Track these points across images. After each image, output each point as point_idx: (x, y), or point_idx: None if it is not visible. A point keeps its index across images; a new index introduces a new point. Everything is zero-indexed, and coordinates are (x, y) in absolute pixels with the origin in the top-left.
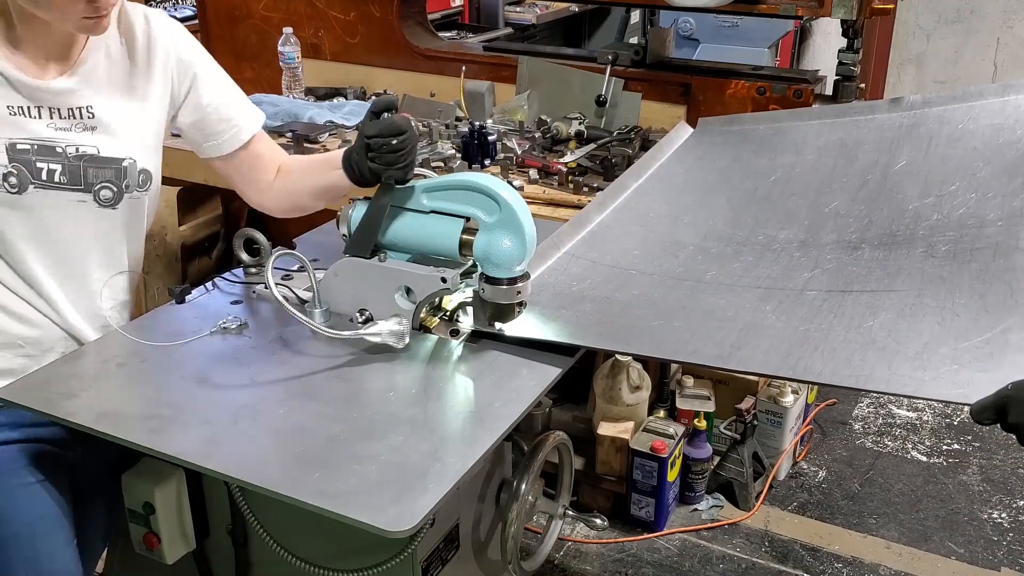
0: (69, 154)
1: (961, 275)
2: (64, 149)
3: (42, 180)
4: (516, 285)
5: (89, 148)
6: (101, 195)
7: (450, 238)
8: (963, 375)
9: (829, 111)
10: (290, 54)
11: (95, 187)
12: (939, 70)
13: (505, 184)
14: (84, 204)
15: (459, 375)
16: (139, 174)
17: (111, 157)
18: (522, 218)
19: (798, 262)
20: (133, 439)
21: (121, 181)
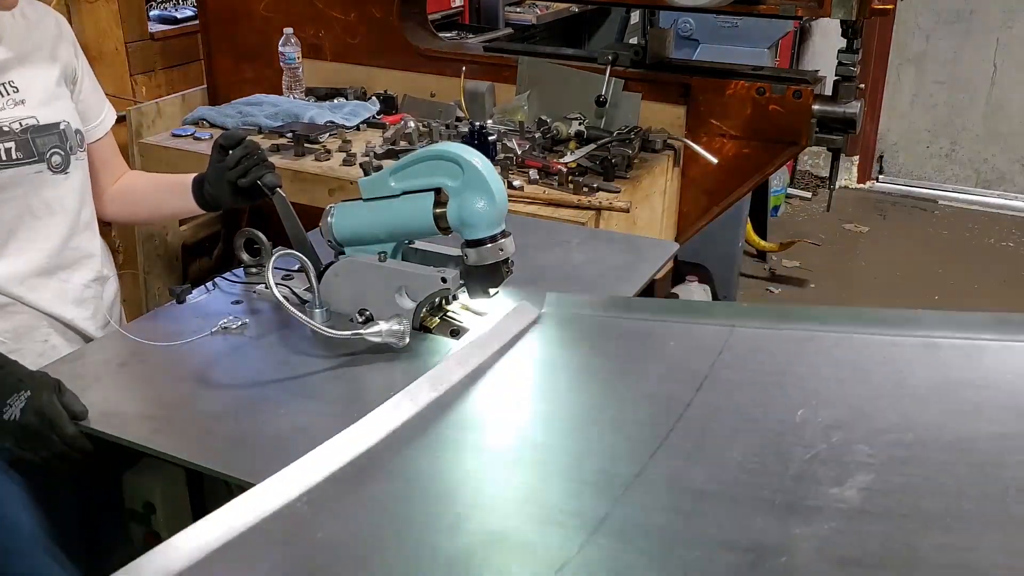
0: (15, 129)
1: None
2: (10, 126)
3: (2, 160)
4: (499, 242)
5: (29, 120)
6: (53, 162)
7: (424, 212)
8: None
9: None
10: (290, 54)
11: (46, 155)
12: (939, 70)
13: (466, 147)
14: (41, 174)
15: None
16: (75, 134)
17: (50, 123)
18: (487, 176)
19: None
20: (133, 439)
21: (65, 144)
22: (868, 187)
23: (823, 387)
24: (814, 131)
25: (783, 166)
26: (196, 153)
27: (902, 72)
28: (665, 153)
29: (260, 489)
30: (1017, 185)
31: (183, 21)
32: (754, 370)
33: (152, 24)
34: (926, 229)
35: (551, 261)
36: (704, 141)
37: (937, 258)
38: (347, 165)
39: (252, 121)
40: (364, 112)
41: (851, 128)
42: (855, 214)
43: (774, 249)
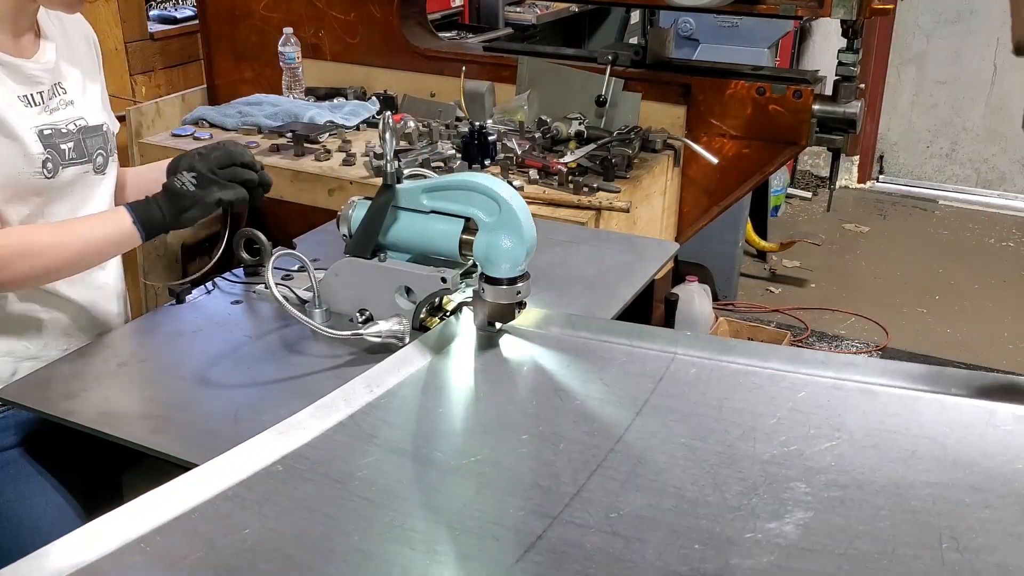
0: (71, 130)
1: None
2: (67, 127)
3: (66, 159)
4: (516, 285)
5: (80, 120)
6: (97, 162)
7: (450, 238)
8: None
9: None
10: (290, 54)
11: (93, 156)
12: (939, 70)
13: (505, 184)
14: (87, 174)
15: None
16: (114, 137)
17: (96, 125)
18: (522, 218)
19: None
20: (133, 439)
21: (107, 146)
22: (868, 187)
23: (761, 423)
24: (814, 131)
25: (783, 166)
26: None
27: (902, 72)
28: (665, 153)
29: (185, 480)
30: (1017, 185)
31: (183, 21)
32: (694, 400)
33: (152, 24)
34: (926, 229)
35: (551, 261)
36: (704, 141)
37: (937, 258)
38: (347, 165)
39: (252, 121)
40: (364, 112)
41: (851, 128)
42: (855, 214)
43: (774, 249)
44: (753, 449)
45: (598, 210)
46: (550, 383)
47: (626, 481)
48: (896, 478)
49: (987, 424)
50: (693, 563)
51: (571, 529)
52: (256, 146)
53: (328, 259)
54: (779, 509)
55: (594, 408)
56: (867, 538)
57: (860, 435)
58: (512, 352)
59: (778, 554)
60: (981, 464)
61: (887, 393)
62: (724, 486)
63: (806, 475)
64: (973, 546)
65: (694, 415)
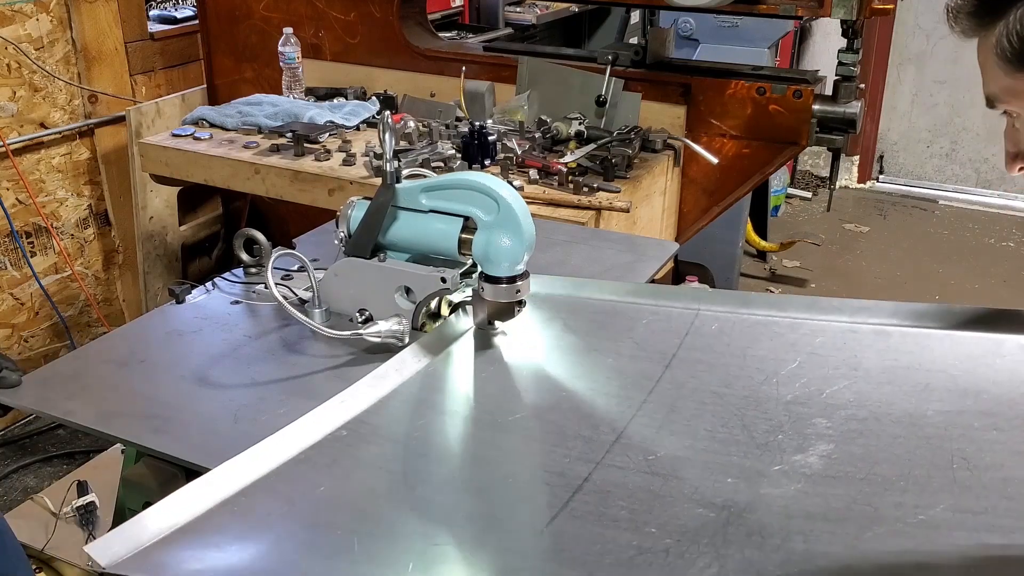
0: None
1: None
2: None
3: None
4: (516, 284)
5: None
6: None
7: (449, 237)
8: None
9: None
10: (290, 54)
11: None
12: (939, 70)
13: (504, 183)
14: None
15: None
16: None
17: None
18: (521, 217)
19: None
20: (133, 439)
21: None
22: (868, 187)
23: (782, 368)
24: (814, 131)
25: (783, 166)
26: (195, 153)
27: (902, 72)
28: (665, 153)
29: (258, 449)
30: (1017, 185)
31: (183, 21)
32: (718, 351)
33: (152, 24)
34: (926, 229)
35: (551, 261)
36: (704, 141)
37: (937, 258)
38: (347, 165)
39: (252, 121)
40: (364, 112)
41: (851, 128)
42: (855, 214)
43: (774, 249)
44: (776, 392)
45: (598, 210)
46: (584, 343)
47: (660, 427)
48: (910, 409)
49: (995, 355)
50: (727, 495)
51: (613, 471)
52: (256, 146)
53: (328, 259)
54: (803, 443)
55: (626, 364)
56: (885, 464)
57: (876, 372)
58: (544, 316)
59: (804, 482)
60: (989, 391)
61: (900, 333)
62: (751, 426)
63: (827, 412)
64: (982, 465)
65: (719, 365)
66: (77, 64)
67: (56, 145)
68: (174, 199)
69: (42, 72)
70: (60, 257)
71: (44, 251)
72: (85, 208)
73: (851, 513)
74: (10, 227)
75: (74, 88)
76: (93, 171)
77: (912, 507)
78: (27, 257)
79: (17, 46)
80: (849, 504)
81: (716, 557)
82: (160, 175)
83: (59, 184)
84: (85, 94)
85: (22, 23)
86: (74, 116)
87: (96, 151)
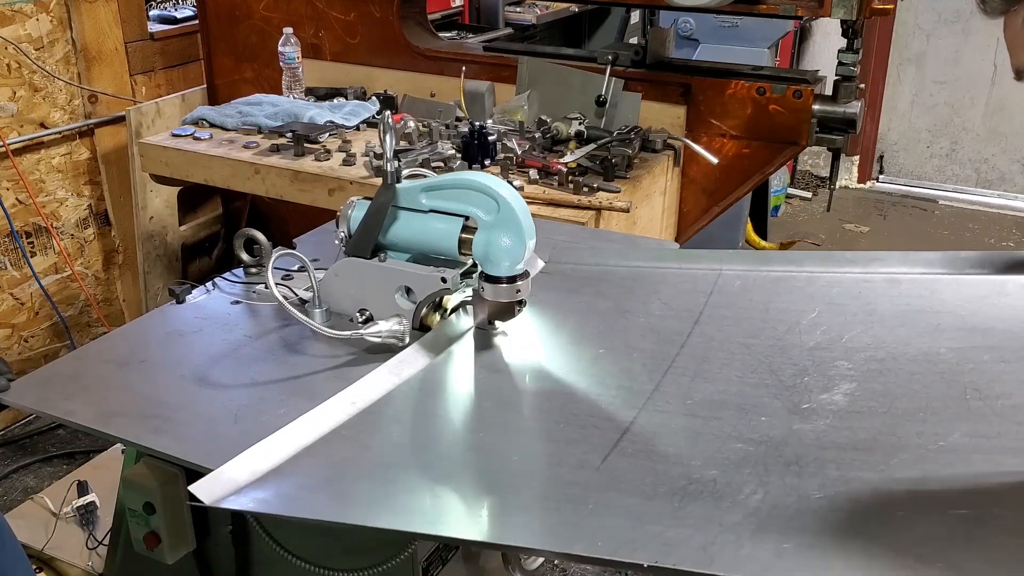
0: None
1: None
2: None
3: None
4: (516, 283)
5: None
6: None
7: (449, 237)
8: None
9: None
10: (290, 54)
11: None
12: (939, 70)
13: (504, 183)
14: None
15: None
16: None
17: None
18: (521, 217)
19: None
20: (133, 439)
21: None
22: (868, 187)
23: (803, 318)
24: (814, 131)
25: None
26: (195, 153)
27: (902, 72)
28: (665, 153)
29: (334, 401)
30: (1017, 185)
31: (183, 21)
32: (742, 307)
33: (152, 24)
34: (926, 229)
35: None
36: (704, 141)
37: None
38: (347, 165)
39: (252, 121)
40: (364, 112)
41: (851, 128)
42: (855, 214)
43: (774, 249)
44: (799, 340)
45: (598, 210)
46: (613, 307)
47: (695, 376)
48: (924, 348)
49: (999, 294)
50: (763, 431)
51: (656, 415)
52: (256, 146)
53: (328, 259)
54: (828, 384)
55: (656, 323)
56: (904, 398)
57: (890, 317)
58: (574, 285)
59: (832, 418)
60: (996, 328)
61: (910, 280)
62: (779, 371)
63: (847, 354)
64: (992, 394)
65: (744, 319)
66: (77, 64)
67: (56, 145)
68: (174, 199)
69: (42, 72)
70: (60, 257)
71: (44, 251)
72: (85, 208)
73: (877, 443)
74: (10, 227)
75: (74, 88)
76: (93, 171)
77: (932, 435)
78: (27, 257)
79: (17, 46)
80: (874, 435)
81: (760, 484)
82: (160, 175)
83: (59, 184)
84: (85, 94)
85: (22, 23)
86: (74, 116)
87: (96, 151)
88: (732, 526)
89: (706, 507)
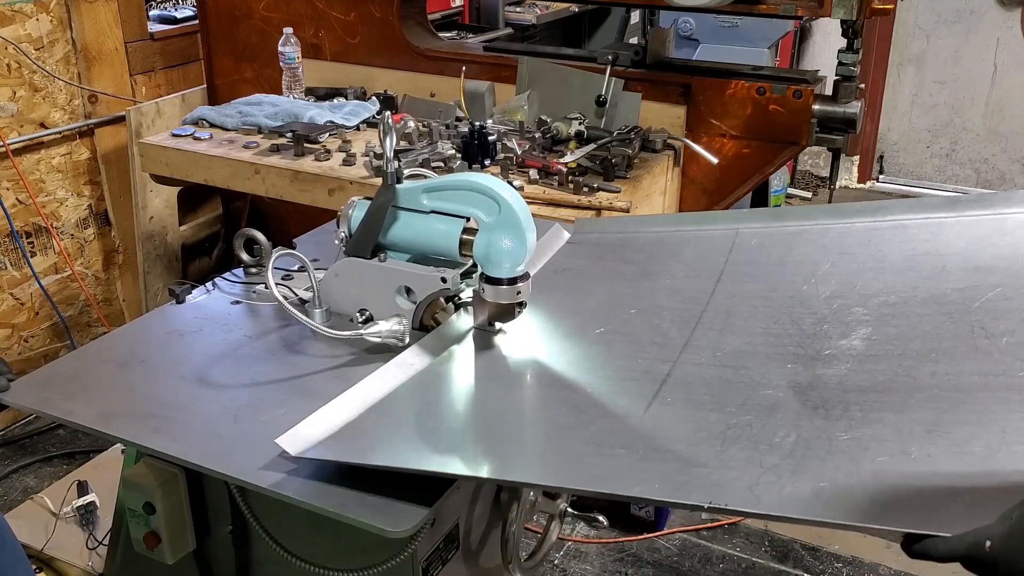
0: None
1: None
2: None
3: None
4: (516, 285)
5: None
6: None
7: (450, 238)
8: None
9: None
10: (290, 54)
11: None
12: (939, 70)
13: (505, 184)
14: None
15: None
16: None
17: None
18: (522, 218)
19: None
20: (133, 439)
21: None
22: (868, 187)
23: (818, 269)
24: (814, 131)
25: (783, 166)
26: (195, 153)
27: (902, 72)
28: (665, 153)
29: (389, 366)
30: (1017, 185)
31: (183, 21)
32: (760, 263)
33: (152, 24)
34: None
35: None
36: (704, 141)
37: None
38: (347, 165)
39: (252, 121)
40: (364, 112)
41: (851, 128)
42: None
43: None
44: (816, 290)
45: (598, 210)
46: (639, 270)
47: (722, 329)
48: (932, 290)
49: (999, 233)
50: (789, 377)
51: (689, 367)
52: (256, 146)
53: (328, 259)
54: (846, 330)
55: (681, 283)
56: (917, 340)
57: (899, 262)
58: (600, 252)
59: (852, 362)
60: (998, 266)
61: (915, 224)
62: (799, 321)
63: (862, 301)
64: (997, 332)
65: (763, 273)
66: (77, 64)
67: (56, 145)
68: (174, 199)
69: (42, 72)
70: (60, 257)
71: (44, 251)
72: (85, 208)
73: (895, 384)
74: (10, 227)
75: (74, 88)
76: (93, 171)
77: (944, 375)
78: (27, 257)
79: (17, 46)
80: (892, 377)
81: (793, 427)
82: (160, 175)
83: (59, 184)
84: (85, 94)
85: (22, 23)
86: (74, 116)
87: (96, 151)
88: (772, 467)
89: (746, 450)
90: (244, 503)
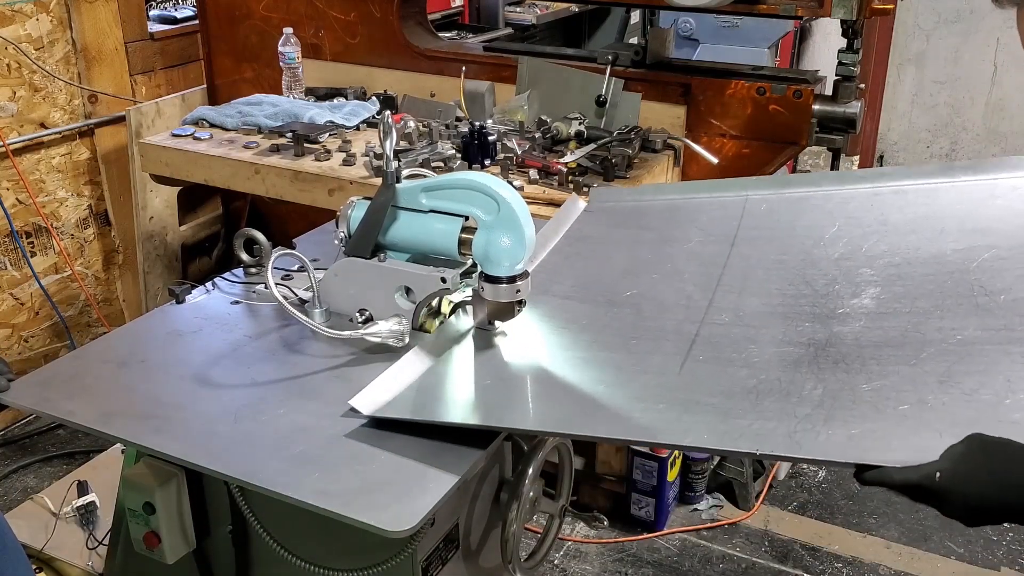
0: None
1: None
2: None
3: None
4: (516, 284)
5: None
6: None
7: (449, 237)
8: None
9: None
10: (290, 54)
11: None
12: (939, 70)
13: (504, 183)
14: None
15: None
16: None
17: None
18: (521, 217)
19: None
20: (133, 439)
21: None
22: None
23: (826, 232)
24: (814, 131)
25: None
26: (195, 153)
27: (902, 72)
28: (665, 153)
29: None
30: None
31: (183, 21)
32: (771, 227)
33: (152, 24)
34: None
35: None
36: (704, 141)
37: None
38: (347, 165)
39: (252, 121)
40: (364, 112)
41: (851, 128)
42: None
43: None
44: (825, 252)
45: None
46: (656, 237)
47: (741, 291)
48: (934, 251)
49: (992, 196)
50: (807, 335)
51: (714, 327)
52: (256, 146)
53: (328, 259)
54: (856, 290)
55: (698, 248)
56: (922, 299)
57: (901, 225)
58: (617, 220)
59: (865, 320)
60: (992, 227)
61: (914, 190)
62: (812, 282)
63: (869, 262)
64: (996, 289)
65: (775, 238)
66: (77, 64)
67: (56, 145)
68: (174, 199)
69: (42, 72)
70: (60, 257)
71: (44, 251)
72: (85, 208)
73: (906, 340)
74: (10, 227)
75: (74, 88)
76: (93, 171)
77: (950, 330)
78: (27, 257)
79: (17, 46)
80: (902, 333)
81: (818, 381)
82: (160, 175)
83: (59, 184)
84: (85, 94)
85: (22, 23)
86: (74, 116)
87: (96, 151)
88: (805, 417)
89: (779, 402)
90: (244, 503)
